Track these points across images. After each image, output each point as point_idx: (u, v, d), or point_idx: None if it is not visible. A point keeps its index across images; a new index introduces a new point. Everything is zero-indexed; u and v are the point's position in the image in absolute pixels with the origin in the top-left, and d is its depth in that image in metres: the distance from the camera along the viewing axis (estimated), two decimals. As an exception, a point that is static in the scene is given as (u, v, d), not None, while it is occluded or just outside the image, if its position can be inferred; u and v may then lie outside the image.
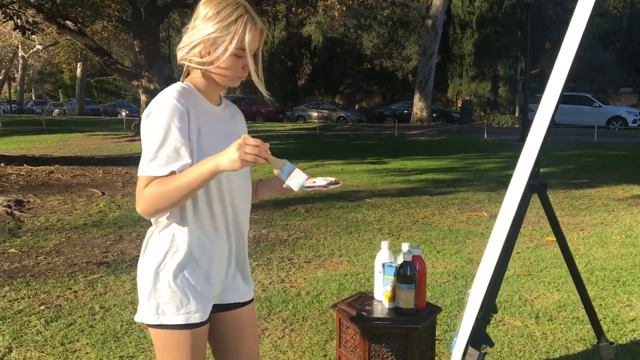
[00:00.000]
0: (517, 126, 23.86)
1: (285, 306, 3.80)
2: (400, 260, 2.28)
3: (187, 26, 1.63)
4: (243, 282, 1.79)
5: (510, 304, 3.85)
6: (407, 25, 34.63)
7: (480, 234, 5.77)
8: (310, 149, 15.86)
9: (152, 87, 18.60)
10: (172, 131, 1.51)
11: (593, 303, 3.80)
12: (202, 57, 1.59)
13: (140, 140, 1.58)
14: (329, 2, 25.71)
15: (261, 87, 1.69)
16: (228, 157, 1.42)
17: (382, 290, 2.35)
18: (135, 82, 19.31)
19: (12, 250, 5.14)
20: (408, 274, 2.21)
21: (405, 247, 2.30)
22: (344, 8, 28.79)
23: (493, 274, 1.41)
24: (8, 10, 13.26)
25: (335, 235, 5.73)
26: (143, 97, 19.21)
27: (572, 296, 3.97)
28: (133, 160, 12.37)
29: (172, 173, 1.50)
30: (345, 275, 4.46)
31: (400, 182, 9.39)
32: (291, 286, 4.21)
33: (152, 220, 1.62)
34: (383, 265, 2.33)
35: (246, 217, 1.78)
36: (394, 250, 2.39)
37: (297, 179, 1.54)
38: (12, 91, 52.73)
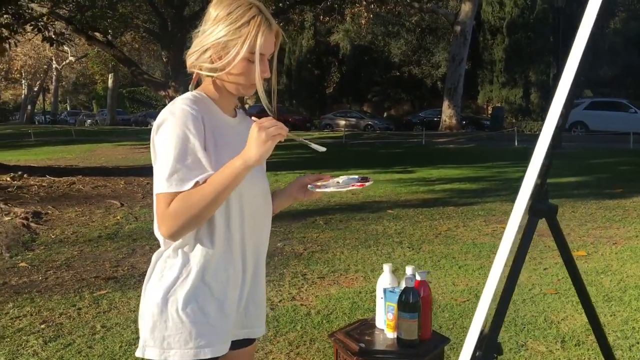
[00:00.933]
0: (549, 133, 23.22)
1: (293, 327, 3.61)
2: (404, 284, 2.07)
3: (198, 30, 1.48)
4: (256, 315, 1.59)
5: (534, 326, 3.58)
6: (435, 32, 34.24)
7: (505, 248, 5.48)
8: (336, 158, 15.67)
9: (178, 96, 18.73)
10: (190, 140, 1.36)
11: (625, 326, 3.52)
12: (212, 63, 1.45)
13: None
14: (356, 9, 25.60)
15: (262, 95, 1.52)
16: (256, 143, 1.31)
17: (383, 318, 2.14)
18: (162, 92, 19.45)
19: (23, 264, 5.07)
20: (411, 302, 1.99)
21: (409, 270, 2.09)
22: (372, 16, 28.64)
23: (495, 316, 1.20)
24: (39, 24, 13.48)
25: (353, 249, 5.52)
26: (170, 107, 19.32)
27: (603, 318, 3.68)
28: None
29: (196, 185, 1.34)
30: (360, 292, 4.24)
31: (424, 192, 9.12)
32: (301, 304, 4.01)
33: (161, 241, 1.45)
34: (384, 290, 2.12)
35: (266, 239, 1.61)
36: (413, 266, 2.21)
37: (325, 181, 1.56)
38: (47, 102, 53.96)
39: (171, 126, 1.37)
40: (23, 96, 48.97)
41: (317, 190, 1.58)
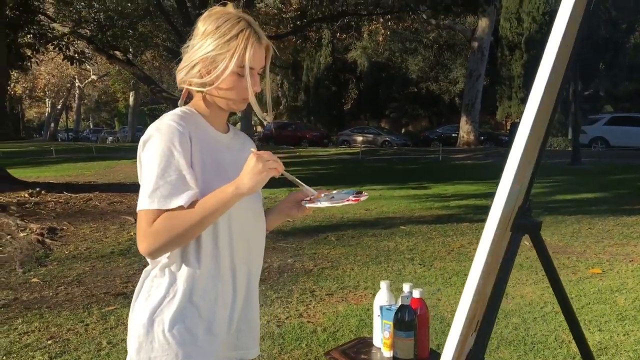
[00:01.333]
0: (569, 149, 23.02)
1: (299, 344, 3.58)
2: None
3: (187, 45, 1.47)
4: (249, 336, 1.56)
5: (544, 345, 3.51)
6: (453, 48, 34.23)
7: (519, 265, 5.39)
8: (352, 174, 15.65)
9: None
10: (174, 156, 1.34)
11: (638, 346, 3.43)
12: (201, 78, 1.43)
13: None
14: (373, 27, 25.72)
15: (257, 109, 1.51)
16: (251, 173, 1.31)
17: (380, 336, 2.11)
18: (180, 110, 19.67)
19: (35, 280, 5.11)
20: (406, 320, 1.95)
21: (406, 287, 2.05)
22: (389, 32, 28.75)
23: (479, 335, 1.17)
24: (61, 44, 13.77)
25: (363, 266, 5.48)
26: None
27: (615, 337, 3.60)
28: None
29: (180, 207, 1.32)
30: (367, 310, 4.19)
31: (439, 208, 9.05)
32: (308, 321, 3.98)
33: (149, 259, 1.43)
34: (381, 308, 2.09)
35: (259, 258, 1.58)
36: (424, 282, 2.18)
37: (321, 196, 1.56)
38: (70, 120, 54.89)
39: (157, 142, 1.36)
40: (47, 114, 49.85)
41: (309, 205, 1.56)
